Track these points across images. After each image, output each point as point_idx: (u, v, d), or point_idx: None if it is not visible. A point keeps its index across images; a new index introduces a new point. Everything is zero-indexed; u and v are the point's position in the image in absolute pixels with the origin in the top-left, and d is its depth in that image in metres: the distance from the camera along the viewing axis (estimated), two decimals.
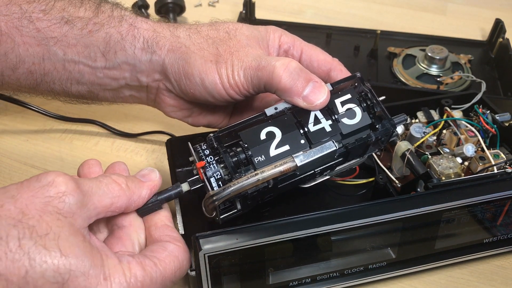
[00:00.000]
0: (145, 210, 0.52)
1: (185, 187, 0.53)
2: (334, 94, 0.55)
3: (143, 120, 0.85)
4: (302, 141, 0.53)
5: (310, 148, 0.52)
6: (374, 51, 0.95)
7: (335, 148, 0.52)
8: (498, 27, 0.97)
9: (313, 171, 0.54)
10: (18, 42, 0.55)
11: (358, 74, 0.56)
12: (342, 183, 0.65)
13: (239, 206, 0.52)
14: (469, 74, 0.88)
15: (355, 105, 0.55)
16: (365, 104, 0.55)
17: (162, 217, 0.53)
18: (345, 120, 0.54)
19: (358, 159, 0.58)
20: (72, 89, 0.59)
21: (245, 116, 0.64)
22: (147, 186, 0.51)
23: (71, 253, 0.41)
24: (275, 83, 0.53)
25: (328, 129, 0.53)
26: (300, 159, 0.50)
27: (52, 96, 0.61)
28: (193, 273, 0.52)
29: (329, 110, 0.54)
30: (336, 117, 0.54)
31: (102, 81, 0.59)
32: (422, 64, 0.90)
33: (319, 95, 0.53)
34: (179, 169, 0.66)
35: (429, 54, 0.89)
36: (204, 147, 0.53)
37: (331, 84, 0.56)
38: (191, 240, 0.50)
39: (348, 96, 0.55)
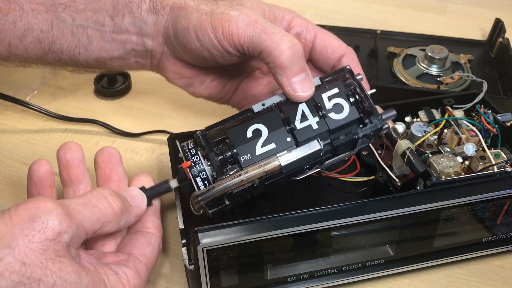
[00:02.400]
0: None
1: (173, 183, 0.55)
2: (322, 88, 0.55)
3: (143, 120, 0.85)
4: (288, 139, 0.52)
5: (297, 146, 0.52)
6: (374, 51, 0.95)
7: (319, 147, 0.52)
8: (498, 27, 0.97)
9: (300, 167, 0.54)
10: (27, 10, 0.54)
11: (348, 67, 0.56)
12: (342, 180, 0.65)
13: (227, 202, 0.53)
14: (469, 74, 0.88)
15: (343, 99, 0.54)
16: (353, 99, 0.54)
17: (154, 201, 0.56)
18: (332, 115, 0.53)
19: (348, 152, 0.57)
20: (80, 58, 0.59)
21: (248, 95, 0.64)
22: (135, 214, 0.51)
23: None
24: (274, 56, 0.52)
25: (315, 126, 0.53)
26: (284, 158, 0.51)
27: (60, 66, 0.61)
28: (192, 266, 0.52)
29: (316, 106, 0.54)
30: (323, 112, 0.53)
31: (109, 47, 0.59)
32: (422, 64, 0.90)
33: (305, 88, 0.53)
34: (181, 166, 0.66)
35: (429, 54, 0.89)
36: (191, 146, 0.53)
37: (320, 79, 0.55)
38: (190, 234, 0.51)
39: (336, 90, 0.54)
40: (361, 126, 0.54)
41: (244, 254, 0.53)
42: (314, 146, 0.52)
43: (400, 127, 0.67)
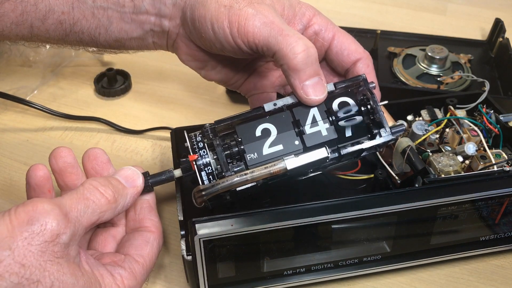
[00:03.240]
0: None
1: (177, 173, 0.55)
2: (336, 95, 0.55)
3: (143, 120, 0.85)
4: (296, 142, 0.52)
5: (304, 150, 0.52)
6: (374, 51, 0.95)
7: (327, 155, 0.52)
8: (498, 26, 0.97)
9: (305, 171, 0.54)
10: None
11: (363, 76, 0.55)
12: (343, 177, 0.65)
13: (228, 197, 0.53)
14: (469, 73, 0.88)
15: (355, 110, 0.54)
16: (364, 108, 0.54)
17: (148, 197, 0.55)
18: (342, 125, 0.53)
19: (351, 159, 0.58)
20: (100, 38, 0.59)
21: (258, 85, 0.63)
22: (131, 194, 0.51)
23: None
24: (288, 58, 0.51)
25: (324, 133, 0.53)
26: (291, 162, 0.51)
27: (80, 46, 0.61)
28: (189, 257, 0.53)
29: (327, 112, 0.53)
30: (334, 119, 0.53)
31: (129, 27, 0.59)
32: (422, 64, 0.90)
33: (318, 91, 0.52)
34: (183, 159, 0.66)
35: (429, 53, 0.89)
36: (199, 138, 0.53)
37: (334, 84, 0.55)
38: (188, 225, 0.52)
39: (349, 98, 0.54)
40: (369, 136, 0.54)
41: (241, 246, 0.54)
42: (322, 153, 0.52)
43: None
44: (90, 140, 0.81)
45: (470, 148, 0.61)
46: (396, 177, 0.61)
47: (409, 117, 0.69)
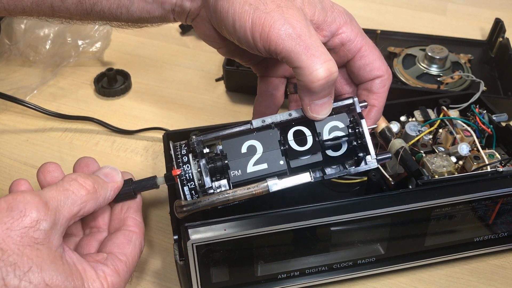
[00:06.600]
0: (119, 198, 0.54)
1: (160, 181, 0.55)
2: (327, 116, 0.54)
3: (143, 120, 0.86)
4: (281, 162, 0.52)
5: (288, 171, 0.52)
6: None
7: (310, 180, 0.51)
8: (498, 26, 0.97)
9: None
10: None
11: (355, 99, 0.54)
12: (336, 180, 0.65)
13: (209, 208, 0.53)
14: (469, 73, 0.88)
15: (343, 133, 0.53)
16: (352, 131, 0.53)
17: (136, 199, 0.56)
18: (329, 146, 0.53)
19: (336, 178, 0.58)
20: (123, 17, 0.58)
21: (270, 68, 0.62)
22: (111, 188, 0.52)
23: (56, 281, 0.42)
24: (308, 80, 0.49)
25: (310, 154, 0.52)
26: (274, 185, 0.51)
27: (104, 21, 0.60)
28: (182, 262, 0.53)
29: (316, 133, 0.53)
30: (320, 140, 0.52)
31: (150, 7, 0.57)
32: (422, 64, 0.90)
33: (323, 111, 0.52)
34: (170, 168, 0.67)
35: (429, 53, 0.89)
36: (183, 151, 0.53)
37: None
38: (181, 229, 0.52)
39: (338, 123, 0.53)
40: (355, 159, 0.53)
41: (235, 251, 0.53)
42: (305, 178, 0.51)
43: (395, 127, 0.67)
44: (90, 140, 0.82)
45: (464, 148, 0.61)
46: (390, 179, 0.61)
47: (402, 118, 0.69)
